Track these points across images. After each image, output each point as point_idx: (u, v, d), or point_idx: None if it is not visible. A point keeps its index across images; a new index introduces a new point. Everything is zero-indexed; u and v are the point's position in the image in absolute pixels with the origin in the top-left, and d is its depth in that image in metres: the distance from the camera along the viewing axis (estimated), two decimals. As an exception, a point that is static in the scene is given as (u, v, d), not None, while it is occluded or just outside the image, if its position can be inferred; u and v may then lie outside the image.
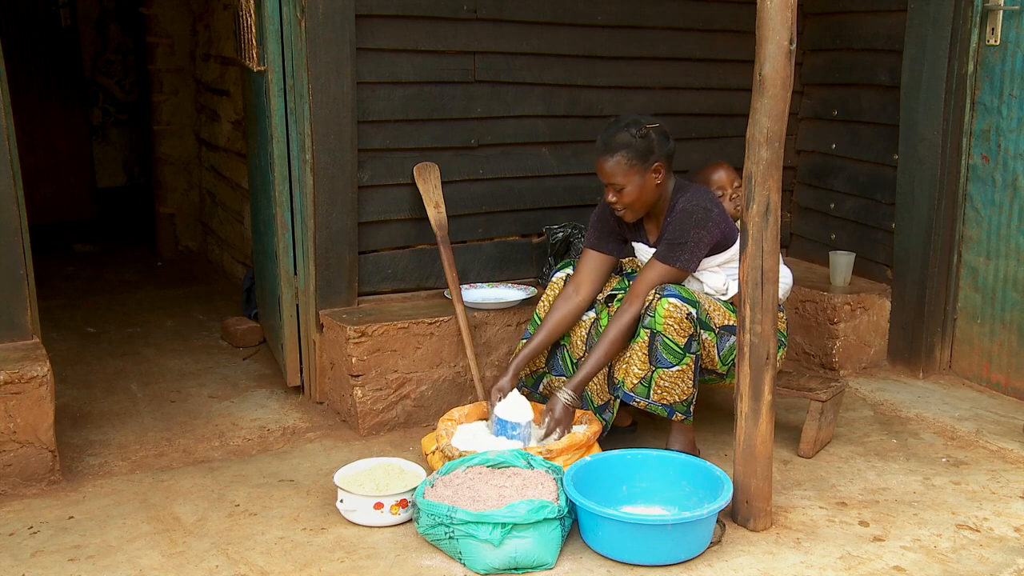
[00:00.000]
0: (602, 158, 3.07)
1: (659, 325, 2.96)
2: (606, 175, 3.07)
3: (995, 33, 3.76)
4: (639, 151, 3.03)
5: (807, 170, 4.58)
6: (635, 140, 3.03)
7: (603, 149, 3.07)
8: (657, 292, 3.00)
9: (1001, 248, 3.84)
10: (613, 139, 3.06)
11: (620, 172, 3.04)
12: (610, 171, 3.05)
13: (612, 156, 3.04)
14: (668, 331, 2.96)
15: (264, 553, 2.65)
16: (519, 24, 3.80)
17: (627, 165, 3.03)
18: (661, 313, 2.96)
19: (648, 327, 2.99)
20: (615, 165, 3.04)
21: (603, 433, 3.16)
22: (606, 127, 3.13)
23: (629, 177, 3.04)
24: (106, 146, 7.66)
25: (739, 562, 2.62)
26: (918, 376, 4.06)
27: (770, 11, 2.53)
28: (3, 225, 3.08)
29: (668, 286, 3.01)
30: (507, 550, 2.51)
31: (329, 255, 3.59)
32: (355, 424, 3.50)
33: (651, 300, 3.00)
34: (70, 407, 3.66)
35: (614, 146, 3.05)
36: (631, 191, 3.06)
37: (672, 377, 3.00)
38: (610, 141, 3.06)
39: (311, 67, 3.41)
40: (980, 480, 3.13)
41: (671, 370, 2.99)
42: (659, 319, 2.96)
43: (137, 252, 6.57)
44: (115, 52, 7.54)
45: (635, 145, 3.03)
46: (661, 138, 3.08)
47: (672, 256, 3.06)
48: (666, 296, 2.97)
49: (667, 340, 2.97)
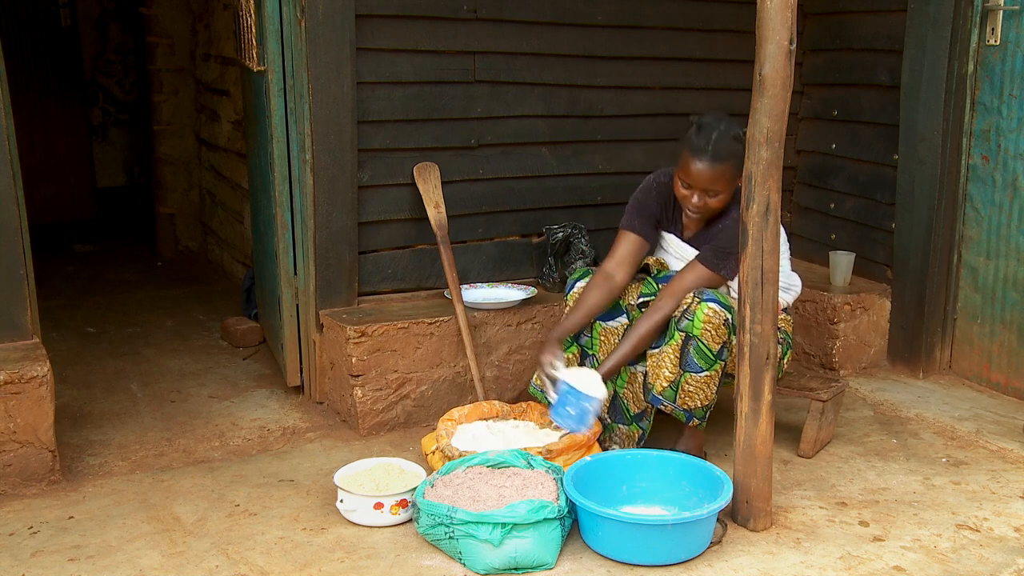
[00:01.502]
0: (709, 165, 2.93)
1: (696, 329, 2.92)
2: (706, 180, 2.95)
3: (995, 33, 3.76)
4: (742, 159, 2.80)
5: (807, 170, 4.58)
6: (740, 148, 2.86)
7: (711, 155, 2.92)
8: (696, 296, 2.94)
9: (1001, 248, 3.84)
10: (722, 146, 2.92)
11: (723, 180, 2.95)
12: (713, 178, 2.94)
13: (720, 164, 2.93)
14: (704, 336, 2.92)
15: (264, 553, 2.65)
16: (519, 24, 3.80)
17: (732, 174, 2.94)
18: (700, 318, 2.91)
19: (684, 330, 2.94)
20: (722, 174, 2.94)
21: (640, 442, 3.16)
22: (702, 126, 2.97)
23: (729, 185, 2.97)
24: (106, 146, 7.66)
25: (739, 562, 2.62)
26: (918, 376, 4.06)
27: (770, 11, 2.53)
28: (3, 225, 3.08)
29: (707, 291, 2.95)
30: (507, 550, 2.51)
31: (329, 255, 3.59)
32: (355, 424, 3.50)
33: (690, 303, 2.94)
34: (70, 407, 3.66)
35: (724, 154, 2.92)
36: (724, 198, 2.99)
37: (698, 382, 2.97)
38: (718, 147, 2.92)
39: (311, 67, 3.41)
40: (980, 480, 3.13)
41: (699, 375, 2.96)
42: (697, 323, 2.91)
43: (137, 252, 6.57)
44: (115, 52, 7.54)
45: (740, 153, 2.85)
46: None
47: (719, 263, 3.00)
48: (706, 301, 2.92)
49: (701, 345, 2.92)
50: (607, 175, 4.13)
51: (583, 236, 3.90)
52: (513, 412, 3.37)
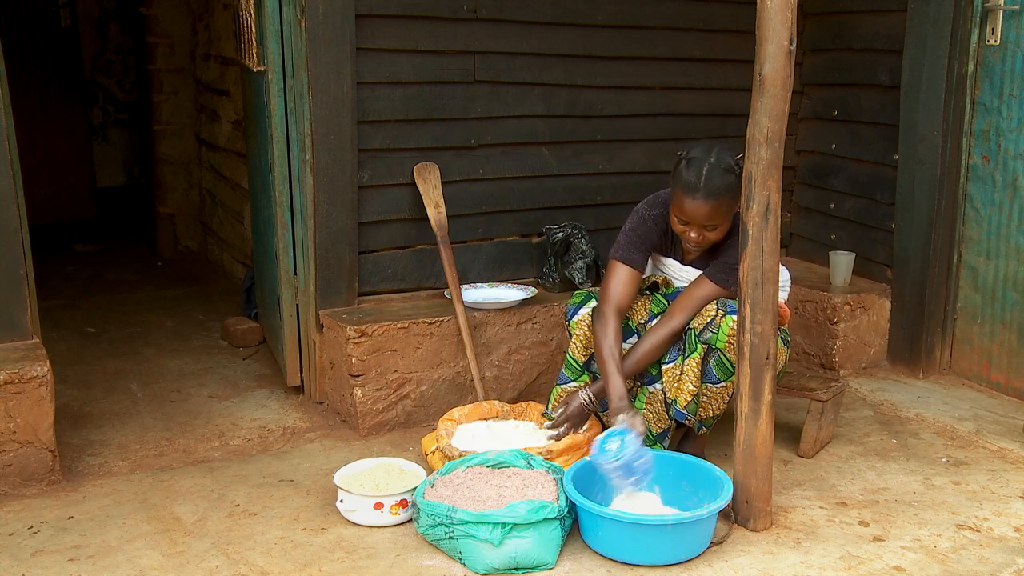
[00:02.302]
0: (703, 200, 2.83)
1: (721, 343, 2.90)
2: (702, 218, 2.86)
3: (995, 33, 3.76)
4: (738, 192, 2.80)
5: (807, 170, 4.58)
6: (733, 179, 2.82)
7: (704, 192, 2.82)
8: (720, 308, 2.91)
9: (1001, 248, 3.84)
10: (714, 181, 2.82)
11: (720, 214, 2.87)
12: (710, 214, 2.85)
13: (715, 199, 2.83)
14: (728, 349, 2.90)
15: (264, 553, 2.65)
16: (519, 24, 3.80)
17: (728, 207, 2.86)
18: (726, 331, 2.88)
19: (708, 342, 2.92)
20: (717, 208, 2.85)
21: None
22: (692, 162, 2.86)
23: (726, 218, 2.90)
24: (106, 146, 7.66)
25: (739, 562, 2.62)
26: (918, 376, 4.06)
27: (770, 11, 2.53)
28: (3, 225, 3.08)
29: (730, 303, 2.92)
30: (507, 550, 2.51)
31: (329, 255, 3.59)
32: (355, 424, 3.50)
33: (714, 316, 2.91)
34: (70, 407, 3.66)
35: (718, 189, 2.82)
36: (722, 230, 2.93)
37: (714, 393, 2.97)
38: (712, 183, 2.82)
39: (311, 67, 3.41)
40: (980, 480, 3.13)
41: (716, 386, 2.95)
42: (723, 337, 2.89)
43: (137, 252, 6.57)
44: (115, 52, 7.54)
45: (734, 185, 2.82)
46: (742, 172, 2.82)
47: (727, 279, 2.94)
48: (730, 313, 2.89)
49: (723, 357, 2.91)
50: (607, 175, 4.13)
51: (583, 236, 3.90)
52: (513, 412, 3.38)
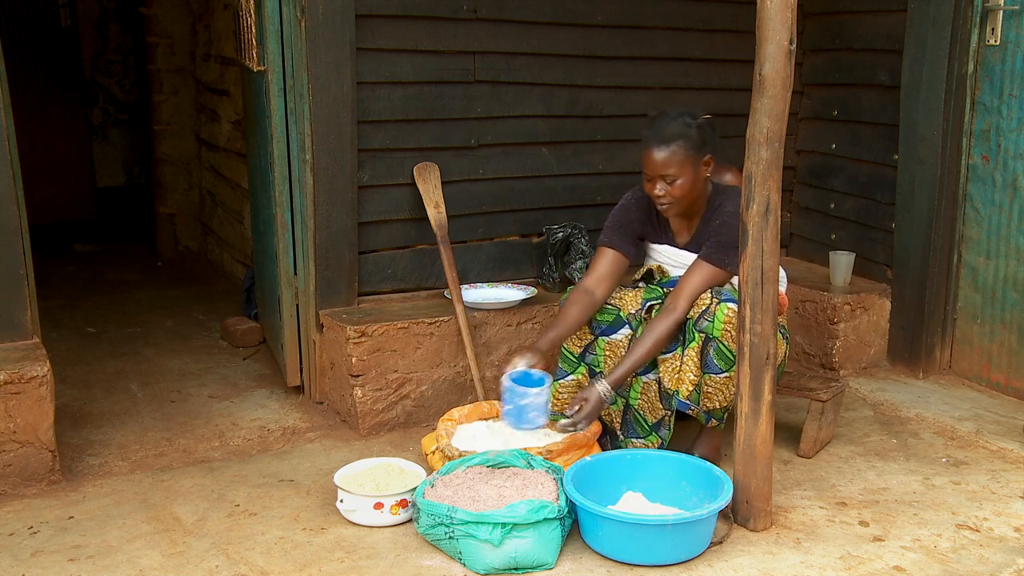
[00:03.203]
0: (655, 148, 2.93)
1: (717, 331, 2.89)
2: (658, 166, 2.93)
3: (995, 33, 3.76)
4: (694, 141, 2.92)
5: (807, 170, 4.58)
6: (691, 130, 2.92)
7: (656, 139, 2.93)
8: (715, 296, 2.92)
9: (1001, 248, 3.84)
10: (667, 128, 2.93)
11: (675, 162, 2.91)
12: (664, 161, 2.92)
13: (668, 145, 2.91)
14: (725, 337, 2.89)
15: (264, 553, 2.65)
16: (519, 24, 3.80)
17: (683, 155, 2.91)
18: (721, 319, 2.88)
19: (704, 331, 2.92)
20: (671, 155, 2.91)
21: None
22: (654, 118, 2.99)
23: (684, 168, 2.93)
24: (106, 146, 7.66)
25: (739, 562, 2.62)
26: (918, 376, 4.06)
27: (770, 11, 2.53)
28: (3, 225, 3.08)
29: (723, 291, 2.93)
30: (507, 550, 2.51)
31: (329, 255, 3.59)
32: (355, 424, 3.50)
33: (708, 304, 2.92)
34: (70, 407, 3.66)
35: (669, 135, 2.92)
36: (684, 183, 2.94)
37: (718, 383, 2.95)
38: (663, 130, 2.93)
39: (311, 67, 3.41)
40: (980, 480, 3.13)
41: (719, 376, 2.93)
42: (718, 325, 2.89)
43: (137, 252, 6.57)
44: (115, 52, 7.54)
45: (691, 135, 2.91)
46: (711, 131, 2.99)
47: (723, 258, 2.95)
48: (725, 301, 2.89)
49: (722, 346, 2.90)
50: (607, 175, 4.13)
51: (583, 236, 3.90)
52: (513, 412, 3.37)
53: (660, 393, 3.07)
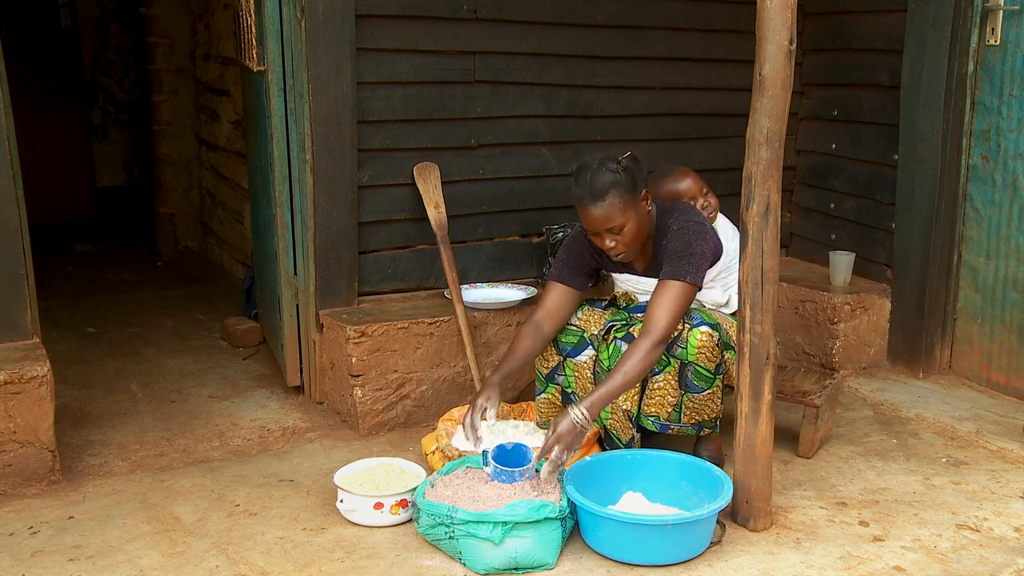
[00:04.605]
0: (592, 206, 2.84)
1: (691, 356, 2.90)
2: (600, 222, 2.86)
3: (995, 33, 3.76)
4: (627, 185, 2.84)
5: (807, 170, 4.58)
6: (620, 175, 2.84)
7: (590, 196, 2.84)
8: (686, 322, 2.91)
9: (1001, 248, 3.84)
10: (596, 182, 2.84)
11: (616, 213, 2.84)
12: (605, 216, 2.85)
13: (604, 200, 2.83)
14: (700, 360, 2.90)
15: (264, 553, 2.65)
16: (519, 24, 3.80)
17: (621, 203, 2.84)
18: (694, 344, 2.89)
19: (679, 357, 2.92)
20: (609, 207, 2.84)
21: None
22: (578, 173, 2.90)
23: (626, 215, 2.86)
24: (106, 146, 7.66)
25: (739, 562, 2.62)
26: (918, 376, 4.06)
27: (770, 11, 2.53)
28: (3, 225, 3.08)
29: (694, 314, 2.93)
30: (507, 549, 2.51)
31: (329, 255, 3.59)
32: (355, 424, 3.50)
33: (680, 330, 2.90)
34: (70, 407, 3.66)
35: (601, 189, 2.83)
36: (630, 228, 2.88)
37: (702, 400, 2.96)
38: (595, 185, 2.84)
39: (311, 67, 3.41)
40: (980, 480, 3.13)
41: (701, 395, 2.95)
42: (691, 350, 2.89)
43: (137, 252, 6.57)
44: (115, 52, 7.54)
45: (622, 181, 2.84)
46: (637, 166, 2.91)
47: (681, 270, 2.88)
48: (696, 326, 2.89)
49: (699, 367, 2.91)
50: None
51: (583, 236, 3.90)
52: (513, 412, 3.38)
53: (626, 414, 3.04)
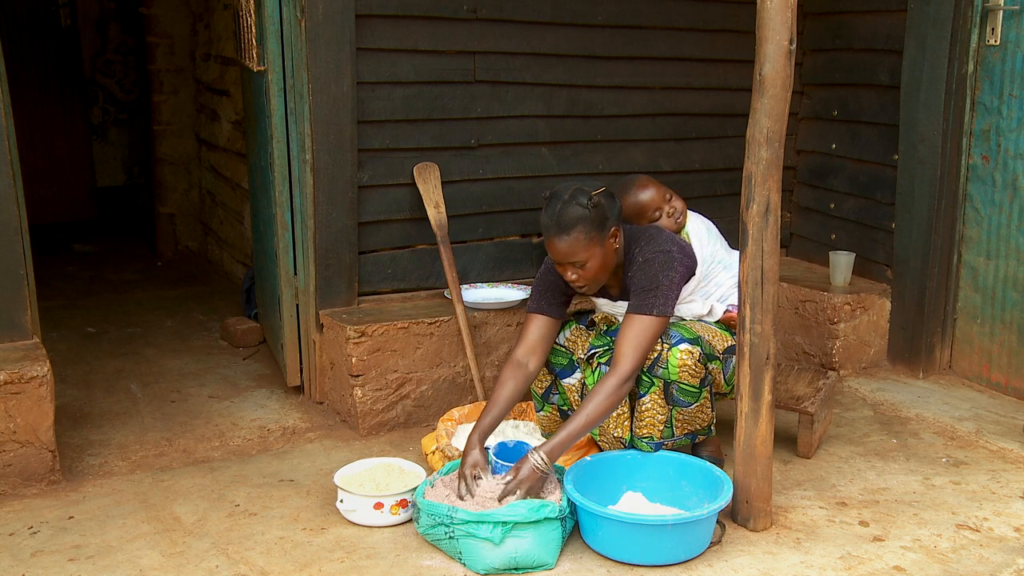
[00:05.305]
0: (557, 238, 2.79)
1: (674, 375, 2.86)
2: (563, 255, 2.81)
3: (995, 33, 3.76)
4: (595, 222, 2.78)
5: (807, 170, 4.58)
6: (588, 211, 2.77)
7: (556, 228, 2.78)
8: (664, 342, 2.86)
9: (1001, 248, 3.84)
10: (564, 216, 2.78)
11: (580, 248, 2.79)
12: (568, 250, 2.80)
13: (568, 234, 2.77)
14: (683, 377, 2.86)
15: (264, 553, 2.65)
16: (519, 24, 3.80)
17: (586, 239, 2.78)
18: (675, 364, 2.84)
19: (662, 377, 2.87)
20: (574, 242, 2.78)
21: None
22: (548, 202, 2.84)
23: (591, 250, 2.80)
24: (106, 146, 7.66)
25: (739, 562, 2.62)
26: (918, 376, 4.06)
27: (770, 11, 2.53)
28: (3, 225, 3.08)
29: (672, 333, 2.87)
30: (507, 549, 2.51)
31: (329, 255, 3.59)
32: (355, 424, 3.50)
33: (660, 350, 2.86)
34: (70, 407, 3.66)
35: (567, 223, 2.77)
36: (593, 264, 2.83)
37: (691, 413, 2.93)
38: (562, 218, 2.78)
39: (311, 67, 3.41)
40: (980, 480, 3.13)
41: (690, 408, 2.92)
42: (673, 370, 2.85)
43: (137, 252, 6.57)
44: (115, 52, 7.54)
45: (590, 217, 2.77)
46: (611, 201, 2.86)
47: (647, 304, 2.82)
48: (676, 345, 2.85)
49: (683, 385, 2.87)
50: (607, 175, 4.12)
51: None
52: (513, 412, 3.38)
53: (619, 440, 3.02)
